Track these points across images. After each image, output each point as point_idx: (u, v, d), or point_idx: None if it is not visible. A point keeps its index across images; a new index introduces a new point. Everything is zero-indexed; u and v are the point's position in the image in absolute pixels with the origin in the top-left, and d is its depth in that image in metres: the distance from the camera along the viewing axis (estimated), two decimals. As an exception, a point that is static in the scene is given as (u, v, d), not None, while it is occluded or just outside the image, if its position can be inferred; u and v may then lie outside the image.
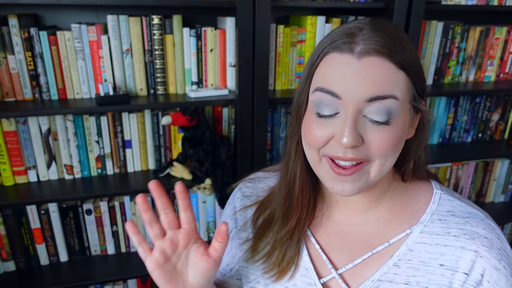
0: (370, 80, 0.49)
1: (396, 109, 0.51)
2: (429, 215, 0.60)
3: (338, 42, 0.51)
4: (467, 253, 0.56)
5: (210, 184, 1.34)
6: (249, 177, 0.76)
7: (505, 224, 1.82)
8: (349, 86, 0.50)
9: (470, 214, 0.60)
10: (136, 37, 1.23)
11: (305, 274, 0.63)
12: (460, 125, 1.64)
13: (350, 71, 0.50)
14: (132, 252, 1.44)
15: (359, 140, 0.51)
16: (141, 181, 1.32)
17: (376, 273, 0.59)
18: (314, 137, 0.54)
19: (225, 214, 0.76)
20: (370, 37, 0.50)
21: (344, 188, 0.54)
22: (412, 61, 0.52)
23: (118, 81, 1.27)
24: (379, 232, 0.61)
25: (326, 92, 0.52)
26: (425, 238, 0.59)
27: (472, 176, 1.70)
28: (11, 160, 1.26)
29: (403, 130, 0.54)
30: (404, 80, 0.51)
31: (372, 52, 0.49)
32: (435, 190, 0.63)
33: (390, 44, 0.50)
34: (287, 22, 1.47)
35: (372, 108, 0.50)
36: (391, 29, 0.52)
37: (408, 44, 0.53)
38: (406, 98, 0.53)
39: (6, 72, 1.19)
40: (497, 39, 1.53)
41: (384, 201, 0.62)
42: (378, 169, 0.54)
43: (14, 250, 1.32)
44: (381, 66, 0.50)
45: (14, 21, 1.14)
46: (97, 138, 1.31)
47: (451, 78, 1.56)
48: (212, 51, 1.30)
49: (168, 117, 1.22)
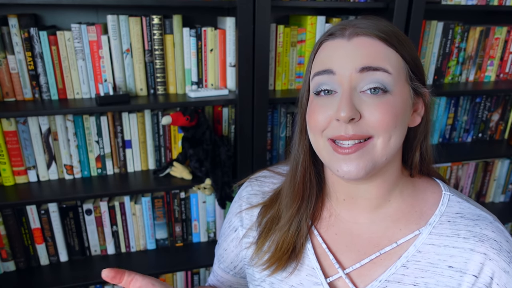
0: (360, 54, 0.53)
1: (390, 83, 0.53)
2: (438, 216, 0.60)
3: (332, 30, 0.57)
4: (476, 255, 0.56)
5: (210, 184, 1.34)
6: (256, 175, 0.76)
7: (505, 224, 1.82)
8: (341, 61, 0.54)
9: (479, 217, 0.60)
10: (136, 37, 1.23)
11: (312, 274, 0.63)
12: (460, 125, 1.64)
13: (342, 50, 0.54)
14: (132, 252, 1.44)
15: (356, 112, 0.52)
16: (141, 181, 1.32)
17: (384, 274, 0.59)
18: (315, 120, 0.56)
19: (231, 212, 0.76)
20: (359, 23, 0.55)
21: (349, 168, 0.54)
22: (402, 42, 0.55)
23: (118, 81, 1.27)
24: (387, 232, 0.61)
25: (322, 73, 0.56)
26: (434, 240, 0.59)
27: (472, 176, 1.70)
28: (11, 160, 1.26)
29: (403, 107, 0.55)
30: (395, 56, 0.54)
31: (360, 33, 0.54)
32: (444, 191, 0.63)
33: (379, 26, 0.55)
34: (287, 22, 1.47)
35: (365, 81, 0.53)
36: (382, 20, 0.56)
37: (400, 31, 0.56)
38: (401, 75, 0.55)
39: (6, 72, 1.19)
40: (497, 39, 1.53)
41: (392, 199, 0.62)
42: (383, 146, 0.54)
43: (14, 250, 1.32)
44: (370, 44, 0.54)
45: (14, 21, 1.14)
46: (97, 138, 1.31)
47: (451, 78, 1.56)
48: (212, 51, 1.30)
49: (168, 117, 1.22)
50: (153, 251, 1.45)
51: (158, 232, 1.44)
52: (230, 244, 0.74)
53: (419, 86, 0.57)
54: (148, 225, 1.41)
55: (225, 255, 0.75)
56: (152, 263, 1.38)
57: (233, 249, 0.73)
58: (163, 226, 1.44)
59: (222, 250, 0.75)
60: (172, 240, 1.47)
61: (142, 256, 1.42)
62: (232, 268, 0.74)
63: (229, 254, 0.74)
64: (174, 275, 1.49)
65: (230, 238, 0.74)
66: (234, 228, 0.73)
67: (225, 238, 0.75)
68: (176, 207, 1.43)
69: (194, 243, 1.50)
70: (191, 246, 1.48)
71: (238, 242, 0.72)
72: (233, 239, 0.73)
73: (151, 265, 1.37)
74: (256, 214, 0.70)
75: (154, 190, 1.31)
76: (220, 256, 0.76)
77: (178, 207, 1.43)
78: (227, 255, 0.75)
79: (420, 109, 0.59)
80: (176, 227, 1.46)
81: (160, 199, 1.39)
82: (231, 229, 0.74)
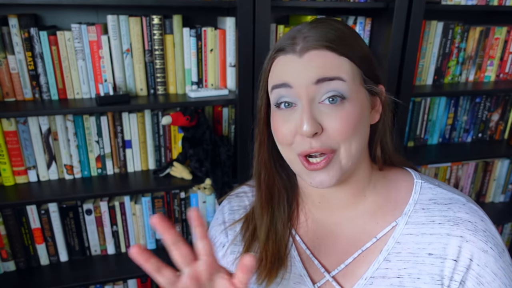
0: (314, 67, 0.53)
1: (346, 90, 0.54)
2: (412, 205, 0.61)
3: (282, 45, 0.57)
4: (453, 239, 0.57)
5: (210, 184, 1.34)
6: (236, 192, 0.76)
7: (505, 224, 1.82)
8: (296, 75, 0.54)
9: (451, 200, 0.60)
10: (136, 37, 1.23)
11: (299, 281, 0.63)
12: (460, 125, 1.64)
13: (295, 66, 0.54)
14: (132, 252, 1.44)
15: (318, 126, 0.53)
16: (141, 181, 1.32)
17: (368, 270, 0.59)
18: (281, 133, 0.57)
19: (214, 228, 0.75)
20: (308, 35, 0.55)
21: (321, 179, 0.55)
22: (354, 49, 0.55)
23: (118, 81, 1.27)
24: (366, 227, 0.62)
25: (279, 86, 0.56)
26: (411, 229, 0.59)
27: (472, 176, 1.70)
28: (11, 160, 1.26)
29: (361, 112, 0.55)
30: (347, 64, 0.55)
31: (311, 48, 0.54)
32: (415, 179, 0.64)
33: (328, 37, 0.54)
34: (287, 22, 1.47)
35: (322, 91, 0.53)
36: (331, 24, 0.56)
37: (350, 35, 0.56)
38: (356, 80, 0.55)
39: (6, 72, 1.19)
40: (497, 39, 1.53)
41: (367, 193, 0.63)
42: (346, 155, 0.55)
43: (14, 250, 1.32)
44: (322, 57, 0.54)
45: (14, 21, 1.14)
46: (97, 138, 1.31)
47: (451, 78, 1.56)
48: (212, 51, 1.30)
49: (168, 117, 1.22)
50: (153, 251, 1.45)
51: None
52: (221, 261, 0.72)
53: (373, 87, 0.58)
54: (148, 225, 1.41)
55: None
56: (152, 263, 1.38)
57: (225, 265, 0.72)
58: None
59: None
60: (172, 240, 1.47)
61: (142, 256, 1.42)
62: None
63: None
64: (174, 275, 1.49)
65: (220, 255, 0.73)
66: (222, 244, 0.72)
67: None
68: (176, 207, 1.43)
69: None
70: (191, 246, 1.48)
71: (226, 258, 0.71)
72: (223, 255, 0.72)
73: (151, 265, 1.37)
74: (238, 230, 0.70)
75: (154, 190, 1.31)
76: None
77: (178, 207, 1.43)
78: None
79: (378, 106, 0.60)
80: (176, 227, 1.46)
81: (160, 199, 1.39)
82: (219, 245, 0.73)
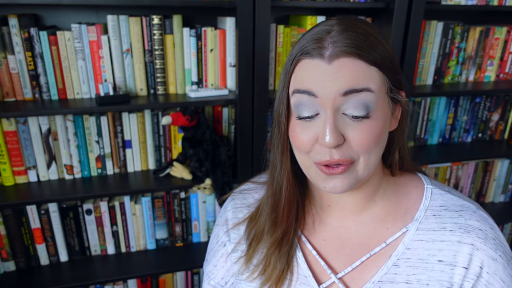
0: (343, 76, 0.50)
1: (373, 101, 0.52)
2: (423, 211, 0.61)
3: (308, 48, 0.53)
4: (464, 246, 0.57)
5: (210, 184, 1.34)
6: (239, 189, 0.76)
7: (505, 224, 1.82)
8: (323, 84, 0.51)
9: (462, 207, 0.60)
10: (136, 37, 1.23)
11: (304, 282, 0.63)
12: (460, 125, 1.64)
13: (323, 73, 0.51)
14: (132, 252, 1.44)
15: (341, 138, 0.52)
16: (141, 181, 1.32)
17: (376, 275, 0.59)
18: (299, 141, 0.55)
19: (217, 227, 0.75)
20: (338, 40, 0.51)
21: (335, 185, 0.55)
22: (383, 56, 0.53)
23: (118, 81, 1.27)
24: (375, 233, 0.61)
25: (303, 92, 0.53)
26: (421, 235, 0.59)
27: (472, 176, 1.70)
28: (11, 160, 1.26)
29: (384, 123, 0.54)
30: (377, 74, 0.52)
31: (341, 55, 0.51)
32: (426, 185, 0.63)
33: (358, 44, 0.51)
34: (287, 22, 1.47)
35: (349, 103, 0.51)
36: (359, 27, 0.53)
37: (378, 39, 0.53)
38: (382, 90, 0.53)
39: (6, 72, 1.19)
40: (497, 39, 1.53)
41: (377, 199, 0.62)
42: (364, 165, 0.54)
43: (14, 250, 1.32)
44: (352, 65, 0.51)
45: (14, 21, 1.14)
46: (97, 138, 1.31)
47: (451, 78, 1.56)
48: (212, 51, 1.30)
49: (168, 117, 1.22)
50: (153, 251, 1.45)
51: (158, 232, 1.44)
52: (220, 260, 0.73)
53: (398, 96, 0.56)
54: (148, 225, 1.41)
55: (215, 271, 0.73)
56: (152, 263, 1.38)
57: (224, 264, 0.72)
58: (163, 226, 1.44)
59: (212, 266, 0.74)
60: (172, 240, 1.48)
61: (142, 256, 1.42)
62: (223, 284, 0.73)
63: (220, 269, 0.73)
64: (174, 275, 1.49)
65: (220, 254, 0.73)
66: (223, 243, 0.72)
67: (214, 254, 0.74)
68: (176, 207, 1.43)
69: (194, 243, 1.50)
70: (191, 246, 1.48)
71: (228, 257, 0.72)
72: (222, 254, 0.72)
73: (151, 265, 1.37)
74: (243, 228, 0.70)
75: (154, 190, 1.31)
76: (209, 273, 0.75)
77: (178, 207, 1.43)
78: (217, 271, 0.73)
79: (397, 113, 0.59)
80: (176, 227, 1.46)
81: (160, 199, 1.39)
82: (220, 244, 0.73)
